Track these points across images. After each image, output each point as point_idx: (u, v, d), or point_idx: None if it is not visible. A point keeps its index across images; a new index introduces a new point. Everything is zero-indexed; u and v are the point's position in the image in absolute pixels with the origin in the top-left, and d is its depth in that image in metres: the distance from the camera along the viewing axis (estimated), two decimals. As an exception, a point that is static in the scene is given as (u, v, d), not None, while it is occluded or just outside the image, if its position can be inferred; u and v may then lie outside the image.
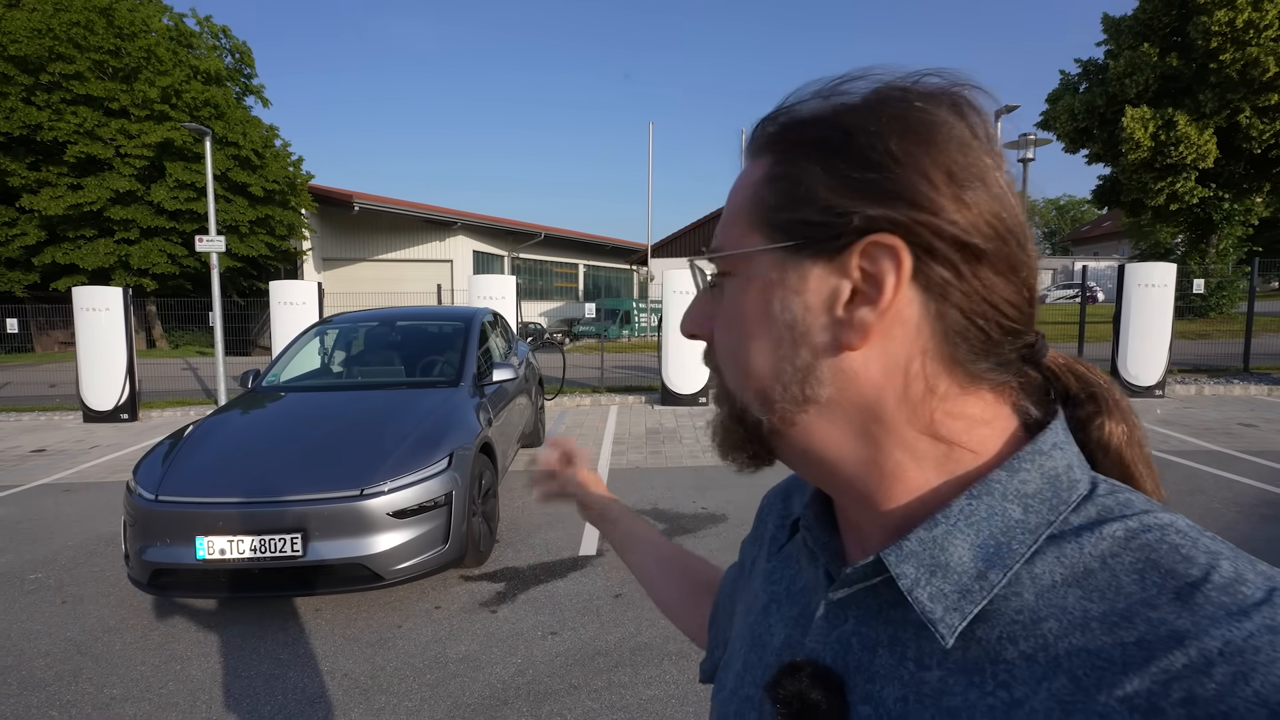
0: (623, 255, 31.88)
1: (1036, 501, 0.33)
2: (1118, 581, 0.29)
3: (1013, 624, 0.31)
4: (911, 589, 0.32)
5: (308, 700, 2.49)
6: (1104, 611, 0.29)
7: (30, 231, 16.27)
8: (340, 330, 5.01)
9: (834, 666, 0.36)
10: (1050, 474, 0.33)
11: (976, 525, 0.33)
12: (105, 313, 8.05)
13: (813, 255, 0.35)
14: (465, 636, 2.91)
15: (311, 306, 8.35)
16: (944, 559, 0.32)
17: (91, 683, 2.64)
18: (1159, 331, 8.21)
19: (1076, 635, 0.29)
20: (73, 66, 15.79)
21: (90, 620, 3.14)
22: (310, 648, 2.85)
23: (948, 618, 0.31)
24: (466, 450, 3.44)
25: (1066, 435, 0.35)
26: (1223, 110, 14.64)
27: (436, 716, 2.38)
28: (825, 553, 0.41)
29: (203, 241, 8.39)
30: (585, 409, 8.41)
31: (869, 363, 0.34)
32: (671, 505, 4.56)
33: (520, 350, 6.03)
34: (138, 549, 2.97)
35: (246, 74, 21.66)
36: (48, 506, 4.92)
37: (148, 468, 3.18)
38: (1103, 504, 0.32)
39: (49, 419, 8.45)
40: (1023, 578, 0.31)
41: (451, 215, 22.40)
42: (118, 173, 16.44)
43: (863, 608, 0.36)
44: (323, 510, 2.91)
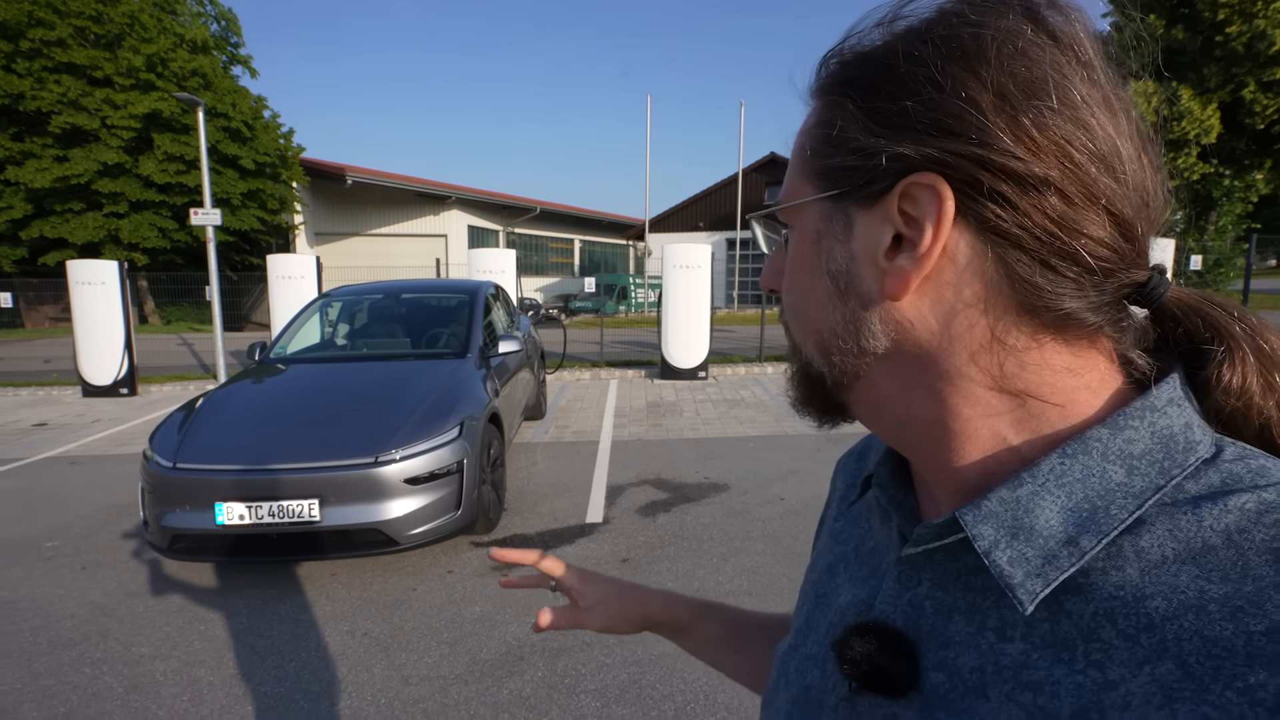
0: (619, 230, 31.67)
1: (1144, 463, 0.29)
2: (1245, 561, 0.26)
3: (1111, 599, 0.28)
4: (989, 551, 0.30)
5: (331, 657, 2.58)
6: (1225, 594, 0.25)
7: (16, 205, 16.00)
8: (345, 303, 5.02)
9: (906, 630, 0.34)
10: (1163, 433, 0.30)
11: (1069, 487, 0.29)
12: (101, 286, 7.99)
13: (856, 202, 0.33)
14: (478, 598, 3.00)
15: (310, 281, 8.31)
16: (1028, 521, 0.30)
17: (120, 642, 2.72)
18: (1152, 307, 8.30)
19: (1189, 618, 0.26)
20: (53, 33, 15.36)
21: (110, 584, 3.22)
22: (329, 609, 2.94)
23: (1028, 583, 0.29)
24: (476, 420, 3.50)
25: (1186, 390, 0.31)
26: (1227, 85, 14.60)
27: (457, 670, 2.48)
28: (899, 511, 0.38)
29: (197, 215, 8.29)
30: (585, 383, 8.47)
31: (924, 312, 0.32)
32: (675, 475, 4.65)
33: (522, 324, 6.06)
34: (156, 515, 3.03)
35: (234, 43, 21.14)
36: (55, 479, 4.97)
37: (164, 436, 3.23)
38: (1229, 470, 0.29)
39: (47, 394, 8.44)
40: (1125, 549, 0.28)
41: (446, 189, 22.12)
42: (105, 144, 16.12)
43: (938, 571, 0.34)
44: (338, 477, 2.97)
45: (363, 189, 20.86)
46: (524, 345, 5.27)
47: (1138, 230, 0.31)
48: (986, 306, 0.31)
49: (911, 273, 0.31)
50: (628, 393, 7.75)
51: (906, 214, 0.31)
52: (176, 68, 16.73)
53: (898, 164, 0.30)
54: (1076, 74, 0.30)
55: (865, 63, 0.33)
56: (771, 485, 4.38)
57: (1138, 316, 0.33)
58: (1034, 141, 0.29)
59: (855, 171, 0.32)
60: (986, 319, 0.31)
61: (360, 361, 4.28)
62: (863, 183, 0.32)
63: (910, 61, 0.31)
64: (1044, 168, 0.29)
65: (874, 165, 0.31)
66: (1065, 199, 0.29)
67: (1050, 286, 0.30)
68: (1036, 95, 0.29)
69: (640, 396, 7.51)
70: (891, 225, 0.31)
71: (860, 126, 0.32)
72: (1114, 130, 0.30)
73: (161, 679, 2.47)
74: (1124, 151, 0.30)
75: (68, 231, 16.19)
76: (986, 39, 0.30)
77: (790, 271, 0.38)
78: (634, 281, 23.32)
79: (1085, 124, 0.29)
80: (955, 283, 0.31)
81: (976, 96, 0.29)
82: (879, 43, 0.33)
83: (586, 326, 15.27)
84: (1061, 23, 0.31)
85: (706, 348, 8.30)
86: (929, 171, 0.30)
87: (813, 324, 0.36)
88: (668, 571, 3.22)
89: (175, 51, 16.96)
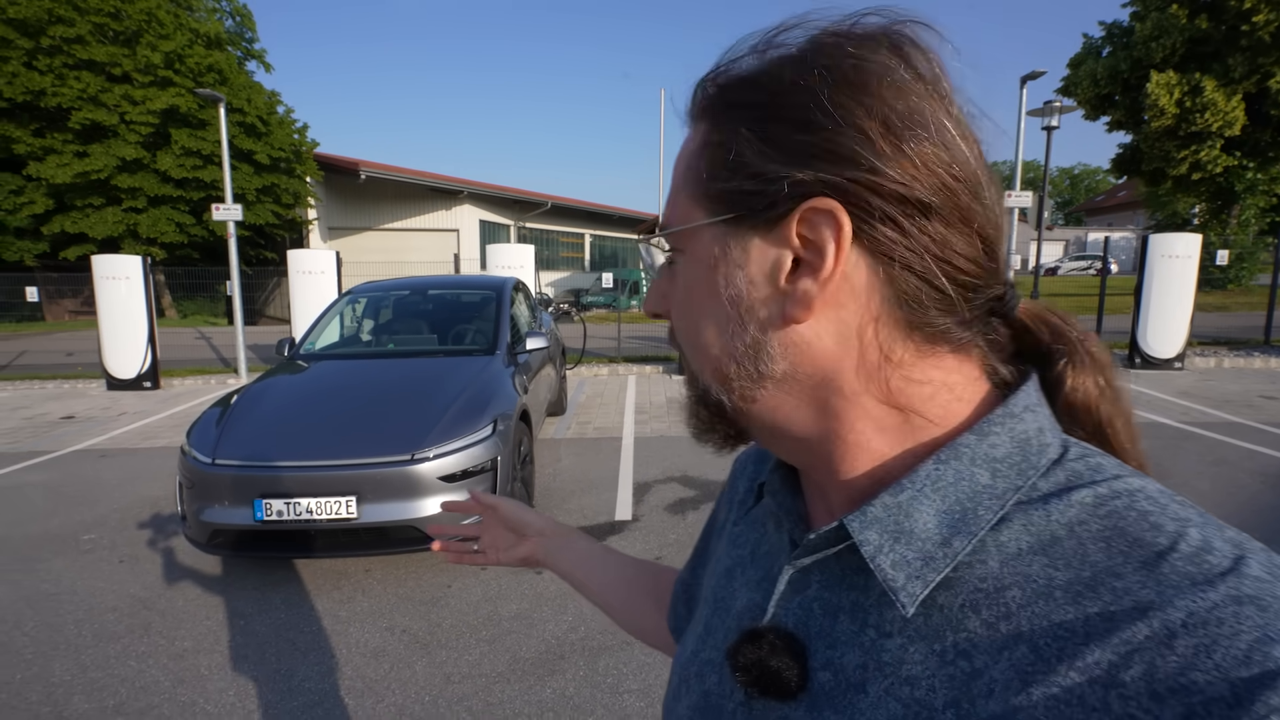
0: (630, 224, 31.60)
1: (1005, 466, 0.31)
2: (1084, 550, 0.28)
3: (976, 592, 0.30)
4: (874, 556, 0.31)
5: (371, 653, 2.60)
6: (1069, 580, 0.28)
7: (38, 200, 16.20)
8: (372, 299, 5.03)
9: (796, 632, 0.35)
10: (1020, 437, 0.32)
11: (943, 491, 0.31)
12: (125, 281, 8.07)
13: (752, 226, 0.33)
14: (515, 596, 3.01)
15: (330, 276, 8.35)
16: (908, 525, 0.31)
17: (163, 635, 2.75)
18: (1180, 304, 8.17)
19: (1040, 604, 0.28)
20: (73, 30, 15.49)
21: (150, 578, 3.25)
22: (366, 605, 2.95)
23: (910, 586, 0.31)
24: (509, 417, 3.50)
25: (1039, 396, 0.34)
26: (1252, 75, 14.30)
27: (498, 669, 2.48)
28: (790, 518, 0.40)
29: (219, 210, 8.35)
30: (603, 379, 8.47)
31: (820, 334, 0.33)
32: (701, 472, 4.64)
33: (544, 320, 6.05)
34: (195, 510, 3.05)
35: (248, 38, 21.24)
36: (86, 471, 5.03)
37: (201, 431, 3.25)
38: (1072, 469, 0.31)
39: (72, 387, 8.54)
40: (988, 545, 0.30)
41: (458, 184, 22.15)
42: (123, 140, 16.27)
43: (826, 573, 0.36)
44: (375, 474, 2.98)
45: (376, 184, 20.92)
46: (549, 342, 5.27)
47: (997, 248, 0.33)
48: (879, 325, 0.32)
49: (815, 295, 0.32)
50: (647, 388, 7.73)
51: (805, 238, 0.32)
52: (193, 63, 16.84)
53: (796, 189, 0.31)
54: (940, 107, 0.32)
55: (750, 87, 0.34)
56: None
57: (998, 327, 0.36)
58: (917, 168, 0.31)
59: (753, 196, 0.33)
60: (879, 338, 0.33)
61: (390, 358, 4.28)
62: (761, 207, 0.33)
63: (798, 89, 0.32)
64: (926, 193, 0.31)
65: (773, 190, 0.32)
66: (945, 222, 0.31)
67: (933, 304, 0.32)
68: (916, 125, 0.31)
69: (660, 392, 7.50)
70: (790, 249, 0.32)
71: (756, 152, 0.32)
72: (972, 157, 0.32)
73: (206, 673, 2.49)
74: (982, 177, 0.33)
75: (88, 226, 16.38)
76: (868, 70, 0.31)
77: (685, 298, 0.37)
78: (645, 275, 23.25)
79: (953, 151, 0.31)
80: (851, 304, 0.32)
81: (865, 125, 0.31)
82: (762, 67, 0.34)
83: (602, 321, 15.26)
84: (923, 58, 0.32)
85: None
86: (825, 197, 0.31)
87: (708, 350, 0.36)
88: (702, 570, 3.20)
89: (192, 47, 17.07)
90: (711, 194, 0.35)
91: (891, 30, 0.33)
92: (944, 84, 0.33)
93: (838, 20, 0.33)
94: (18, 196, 16.25)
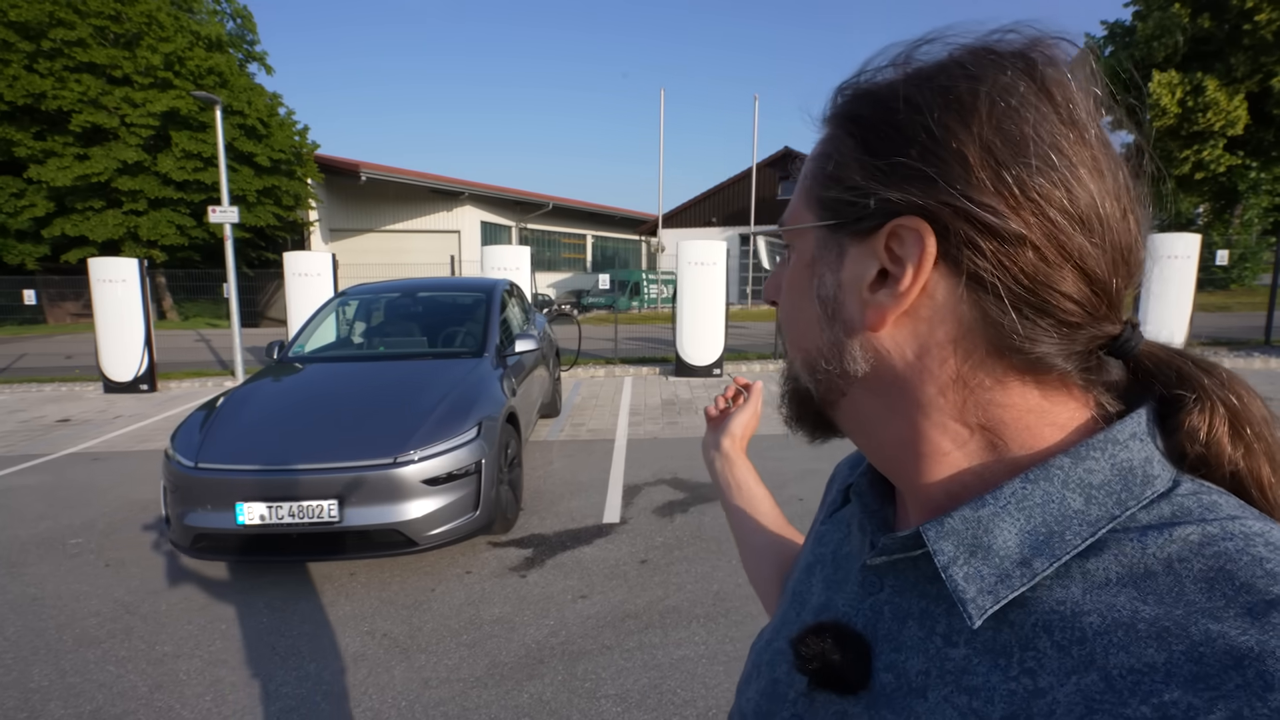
0: (631, 225, 31.59)
1: (1102, 493, 0.30)
2: (1181, 588, 0.27)
3: (1051, 613, 0.29)
4: (947, 566, 0.32)
5: (351, 658, 2.59)
6: (1157, 615, 0.27)
7: (39, 203, 16.28)
8: (362, 301, 5.03)
9: (863, 632, 0.36)
10: (1123, 465, 0.31)
11: (1028, 510, 0.31)
12: (122, 284, 8.09)
13: (849, 234, 0.34)
14: (497, 599, 2.99)
15: (326, 278, 8.36)
16: (987, 540, 0.31)
17: (144, 640, 2.74)
18: (1180, 304, 8.12)
19: (1119, 634, 0.27)
20: (74, 33, 15.57)
21: (134, 582, 3.25)
22: (348, 609, 2.94)
23: (980, 599, 0.30)
24: (494, 420, 3.49)
25: (1151, 428, 0.32)
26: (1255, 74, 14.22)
27: (476, 673, 2.47)
28: (872, 521, 0.41)
29: (215, 213, 8.36)
30: (600, 380, 8.46)
31: (901, 345, 0.34)
32: (691, 475, 4.62)
33: (538, 321, 6.04)
34: (179, 514, 3.05)
35: (249, 40, 21.32)
36: (79, 474, 5.04)
37: (185, 435, 3.25)
38: (1181, 504, 0.30)
39: (70, 390, 8.57)
40: (1073, 570, 0.30)
41: (459, 185, 22.18)
42: (124, 143, 16.35)
43: (901, 578, 0.36)
44: (358, 477, 2.97)
45: (377, 185, 20.96)
46: (540, 344, 5.26)
47: (1112, 287, 0.32)
48: (958, 345, 0.33)
49: (890, 307, 0.33)
50: (642, 390, 7.72)
51: (892, 252, 0.33)
52: (193, 66, 16.90)
53: (887, 206, 0.32)
54: (1065, 134, 0.31)
55: (869, 101, 0.34)
56: (788, 485, 4.34)
57: (1114, 366, 0.34)
58: (1014, 198, 0.30)
59: (850, 206, 0.34)
60: (957, 356, 0.33)
61: (378, 361, 4.28)
62: (855, 218, 0.34)
63: (910, 107, 0.32)
64: (1020, 224, 0.30)
65: (865, 204, 0.33)
66: (1040, 254, 0.30)
67: (1020, 332, 0.31)
68: (1022, 153, 0.30)
69: (655, 394, 7.48)
70: (878, 260, 0.33)
71: (858, 165, 0.34)
72: (1096, 190, 0.31)
73: (184, 678, 2.48)
74: (1105, 212, 0.31)
75: (88, 229, 16.45)
76: (981, 94, 0.31)
77: (786, 289, 0.40)
78: (647, 277, 23.25)
79: (1067, 184, 0.30)
80: (931, 320, 0.33)
81: (965, 150, 0.30)
82: (886, 82, 0.34)
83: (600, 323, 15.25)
84: (1057, 80, 0.31)
85: (722, 345, 8.24)
86: (915, 216, 0.31)
87: (802, 341, 0.38)
88: (687, 573, 3.19)
89: (192, 50, 17.14)
90: (818, 199, 0.36)
91: (1029, 50, 0.32)
92: (1079, 110, 0.31)
93: (977, 36, 0.33)
94: (19, 200, 16.34)
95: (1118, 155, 0.32)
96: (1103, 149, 0.31)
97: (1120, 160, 0.32)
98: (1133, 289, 0.33)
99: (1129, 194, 0.32)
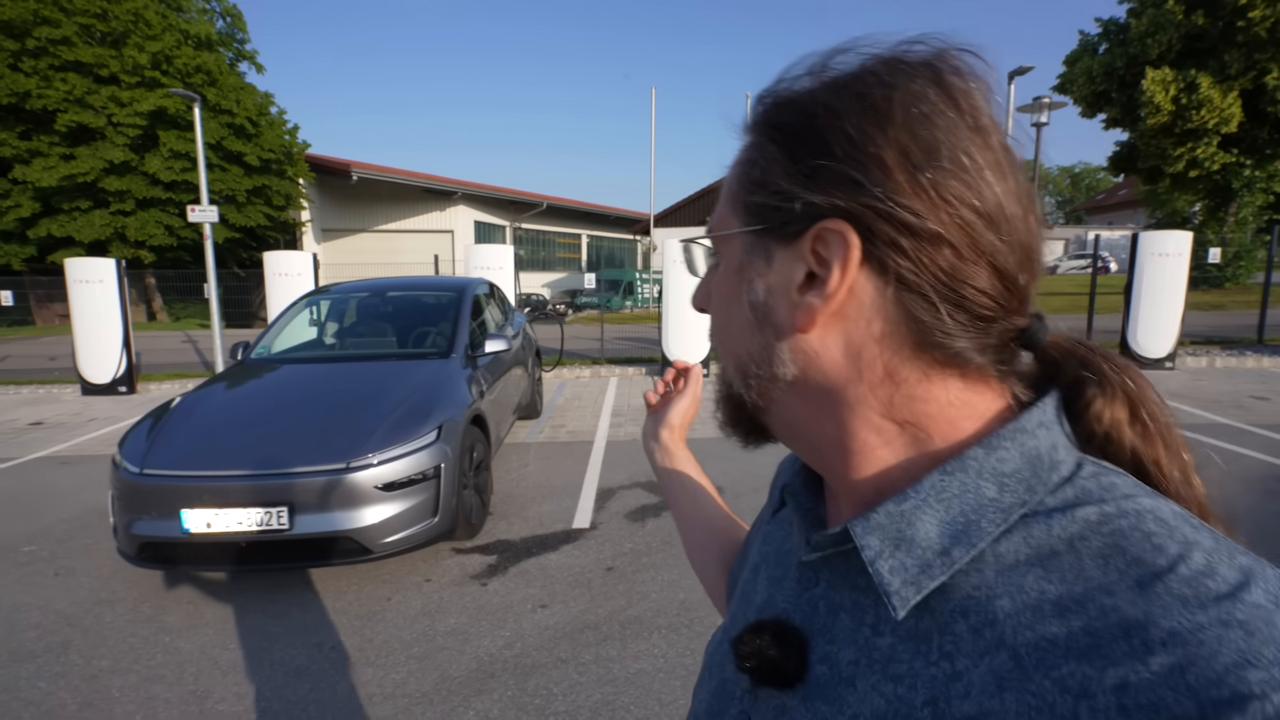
0: (626, 225, 31.50)
1: (1013, 481, 0.32)
2: (1080, 565, 0.29)
3: (967, 599, 0.30)
4: (874, 560, 0.32)
5: (294, 673, 2.48)
6: (1059, 595, 0.28)
7: (24, 203, 16.13)
8: (331, 301, 4.91)
9: (801, 626, 0.37)
10: (1031, 453, 0.32)
11: (947, 501, 0.32)
12: (99, 285, 7.97)
13: (776, 239, 0.35)
14: (454, 609, 2.89)
15: (307, 278, 8.24)
16: (909, 533, 0.32)
17: (81, 654, 2.63)
18: (1171, 302, 8.03)
19: (1026, 615, 0.29)
20: (59, 31, 15.43)
21: (82, 593, 3.14)
22: (299, 620, 2.84)
23: (903, 591, 0.32)
24: (456, 422, 3.38)
25: (1056, 415, 0.34)
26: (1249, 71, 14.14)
27: (423, 689, 2.36)
28: (806, 518, 0.42)
29: (194, 212, 8.25)
30: (585, 380, 8.35)
31: (828, 345, 0.34)
32: (668, 478, 4.51)
33: (517, 321, 5.94)
34: (125, 522, 2.94)
35: (239, 39, 21.17)
36: (44, 479, 4.92)
37: (133, 441, 3.13)
38: (1082, 486, 0.31)
39: (48, 392, 8.45)
40: (986, 555, 0.31)
41: (452, 185, 22.07)
42: (110, 142, 16.20)
43: (834, 573, 0.37)
44: (308, 484, 2.86)
45: (369, 185, 20.83)
46: (513, 344, 5.15)
47: (1020, 281, 0.33)
48: (885, 343, 0.33)
49: (819, 308, 0.34)
50: (627, 391, 7.62)
51: (819, 254, 0.33)
52: (181, 64, 16.76)
53: (812, 210, 0.33)
54: (971, 139, 0.32)
55: (790, 108, 0.35)
56: (766, 489, 4.22)
57: (1024, 357, 0.36)
58: (931, 199, 0.31)
59: (775, 211, 0.35)
60: (884, 355, 0.34)
61: (342, 362, 4.17)
62: (781, 222, 0.35)
63: (829, 113, 0.33)
64: (938, 224, 0.31)
65: (791, 209, 0.34)
66: (956, 252, 0.32)
67: (941, 328, 0.33)
68: (935, 157, 0.31)
69: (639, 395, 7.37)
70: (805, 263, 0.34)
71: (782, 170, 0.34)
72: (1002, 191, 0.32)
73: (117, 695, 2.37)
74: (1010, 211, 0.32)
75: (75, 230, 16.31)
76: (895, 100, 0.32)
77: (716, 296, 0.40)
78: (640, 276, 23.16)
79: (975, 186, 0.32)
80: (858, 319, 0.34)
81: (883, 153, 0.31)
82: (805, 90, 0.35)
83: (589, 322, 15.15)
84: (962, 89, 0.33)
85: (708, 344, 8.14)
86: (839, 218, 0.32)
87: (734, 347, 0.39)
88: (653, 581, 3.08)
89: (180, 48, 16.99)
90: (745, 205, 0.37)
91: (936, 59, 0.33)
92: (983, 117, 0.33)
93: (888, 47, 0.34)
94: (4, 200, 16.18)
95: (1018, 160, 0.34)
96: (1005, 154, 0.33)
97: (1020, 165, 0.34)
98: (1036, 285, 0.34)
99: (1028, 196, 0.33)
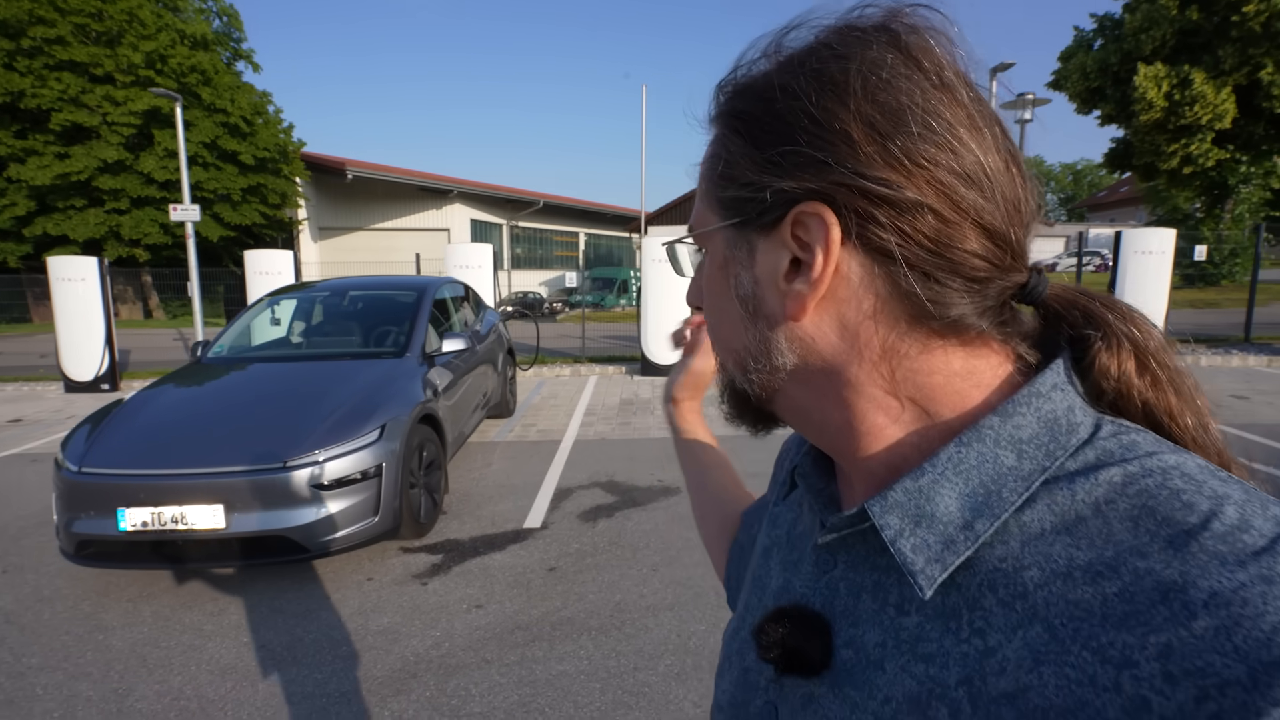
0: (623, 223, 31.47)
1: (1031, 447, 0.31)
2: (1109, 529, 0.28)
3: (994, 571, 0.30)
4: (895, 540, 0.31)
5: (219, 671, 2.48)
6: (1090, 560, 0.27)
7: (20, 202, 16.22)
8: (295, 301, 4.92)
9: (822, 611, 0.36)
10: (1048, 417, 0.31)
11: (965, 473, 0.31)
12: (81, 283, 8.01)
13: (755, 230, 0.34)
14: (390, 609, 2.89)
15: (288, 276, 8.26)
16: (929, 509, 0.31)
17: (11, 652, 2.64)
18: (1154, 300, 7.98)
19: (1057, 584, 0.28)
20: (54, 30, 15.50)
21: (25, 590, 3.15)
22: (236, 618, 2.84)
23: (928, 569, 0.31)
24: (401, 421, 3.38)
25: (1069, 375, 0.33)
26: (1243, 67, 14.00)
27: (344, 689, 2.36)
28: (819, 500, 0.41)
29: (176, 211, 8.28)
30: (564, 379, 8.35)
31: (824, 329, 0.34)
32: (629, 478, 4.51)
33: (487, 320, 5.94)
34: (65, 521, 2.95)
35: (235, 38, 21.21)
36: (10, 477, 4.95)
37: (75, 440, 3.15)
38: (1103, 447, 0.30)
39: (31, 389, 8.50)
40: (1010, 526, 0.30)
41: (448, 183, 22.08)
42: (105, 141, 16.27)
43: (852, 553, 0.36)
44: (244, 482, 2.86)
45: (364, 183, 20.87)
46: (478, 343, 5.15)
47: (1011, 237, 0.32)
48: (880, 319, 0.33)
49: (808, 294, 0.33)
50: (604, 389, 7.61)
51: (800, 239, 0.33)
52: (175, 64, 16.81)
53: (786, 196, 0.32)
54: (938, 98, 0.31)
55: (749, 96, 0.34)
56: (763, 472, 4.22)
57: (1025, 315, 0.35)
58: (904, 167, 0.30)
59: (749, 203, 0.34)
60: (880, 331, 0.33)
61: (297, 361, 4.17)
62: (757, 213, 0.34)
63: (787, 95, 0.32)
64: (915, 191, 0.30)
65: (764, 198, 0.33)
66: (939, 217, 0.31)
67: (935, 297, 0.32)
68: (902, 123, 0.30)
69: (615, 393, 7.37)
70: (788, 250, 0.33)
71: (748, 161, 0.33)
72: (979, 147, 0.31)
73: (41, 693, 2.38)
74: (990, 167, 0.31)
75: (70, 228, 16.39)
76: (852, 71, 0.31)
77: (707, 294, 0.40)
78: (634, 274, 23.15)
79: (950, 146, 0.30)
80: (850, 299, 0.33)
81: (848, 128, 0.30)
82: (761, 73, 0.34)
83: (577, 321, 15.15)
84: (921, 46, 0.31)
85: (687, 343, 8.12)
86: (814, 201, 0.31)
87: (730, 343, 0.38)
88: (592, 583, 3.08)
89: (175, 48, 17.03)
90: (720, 200, 0.36)
91: (890, 20, 0.32)
92: (947, 72, 0.31)
93: (840, 16, 0.33)
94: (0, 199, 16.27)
95: (992, 111, 0.32)
96: (976, 106, 0.32)
97: (995, 116, 0.32)
98: (1031, 237, 0.33)
99: (1007, 145, 0.32)
